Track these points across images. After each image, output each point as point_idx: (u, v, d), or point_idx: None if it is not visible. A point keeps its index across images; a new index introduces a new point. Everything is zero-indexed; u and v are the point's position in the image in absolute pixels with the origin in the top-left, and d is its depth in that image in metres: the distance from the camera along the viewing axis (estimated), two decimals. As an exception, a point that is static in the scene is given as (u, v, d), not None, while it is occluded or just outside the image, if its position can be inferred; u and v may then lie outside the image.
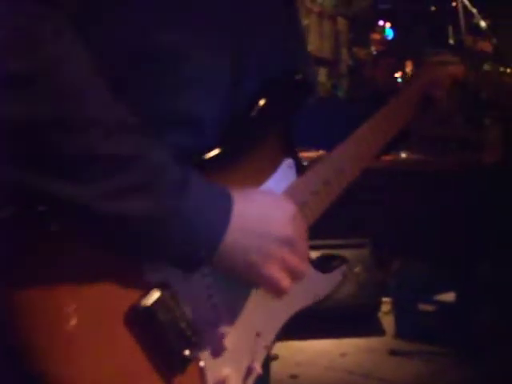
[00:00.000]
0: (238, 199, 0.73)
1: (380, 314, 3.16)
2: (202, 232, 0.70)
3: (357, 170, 0.96)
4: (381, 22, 5.88)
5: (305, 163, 0.93)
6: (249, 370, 0.82)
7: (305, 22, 4.12)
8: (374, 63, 4.60)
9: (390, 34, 5.71)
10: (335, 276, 0.95)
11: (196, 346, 0.74)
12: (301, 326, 2.98)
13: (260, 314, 0.84)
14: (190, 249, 0.69)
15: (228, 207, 0.71)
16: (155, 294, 0.70)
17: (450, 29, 2.73)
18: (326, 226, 2.59)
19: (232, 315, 0.80)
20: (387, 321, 3.12)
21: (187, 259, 0.70)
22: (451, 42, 3.33)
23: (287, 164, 0.88)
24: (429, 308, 2.97)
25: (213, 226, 0.70)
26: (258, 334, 0.83)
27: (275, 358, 2.87)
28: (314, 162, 0.95)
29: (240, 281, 0.77)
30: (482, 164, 3.43)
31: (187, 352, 0.73)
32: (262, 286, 0.77)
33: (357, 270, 3.10)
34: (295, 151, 0.91)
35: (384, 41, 5.50)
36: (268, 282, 0.75)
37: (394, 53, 5.64)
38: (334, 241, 3.08)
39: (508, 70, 1.50)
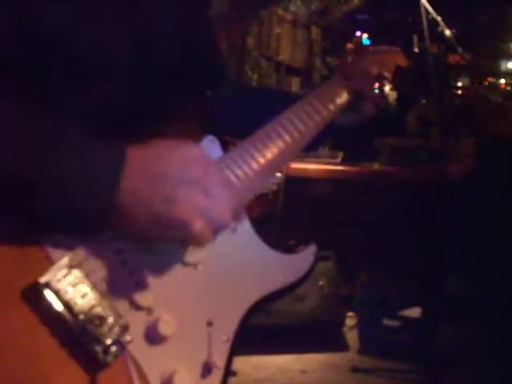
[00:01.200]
0: (133, 149, 0.64)
1: (345, 329, 3.09)
2: (93, 181, 0.61)
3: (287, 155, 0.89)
4: (358, 33, 5.91)
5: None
6: (207, 367, 0.72)
7: (277, 30, 4.08)
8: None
9: (366, 44, 5.73)
10: (305, 257, 0.85)
11: (118, 332, 0.64)
12: (261, 341, 2.90)
13: (210, 300, 0.74)
14: (82, 202, 0.60)
15: (121, 155, 0.62)
16: (57, 269, 0.62)
17: (415, 37, 2.68)
18: (290, 237, 2.52)
19: (168, 297, 0.70)
20: (351, 336, 3.05)
21: (81, 216, 0.61)
22: (416, 50, 3.29)
23: (209, 139, 0.80)
24: (393, 323, 2.90)
25: (105, 174, 0.61)
26: (210, 323, 0.74)
27: (234, 374, 2.78)
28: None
29: (155, 243, 0.66)
30: (451, 176, 3.40)
31: (108, 340, 0.63)
32: (174, 236, 0.66)
33: (321, 283, 3.03)
34: (218, 131, 0.83)
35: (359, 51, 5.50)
36: (178, 227, 0.63)
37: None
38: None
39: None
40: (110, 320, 0.64)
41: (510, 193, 3.49)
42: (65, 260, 0.63)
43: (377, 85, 1.24)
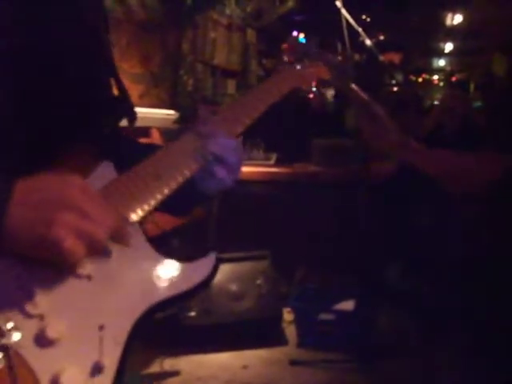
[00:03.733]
0: (20, 182, 0.73)
1: (284, 325, 3.21)
2: None
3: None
4: (294, 33, 6.02)
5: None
6: (96, 366, 0.79)
7: (212, 35, 4.15)
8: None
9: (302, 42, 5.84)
10: (204, 265, 0.91)
11: (10, 337, 0.72)
12: (203, 340, 2.98)
13: (102, 305, 0.81)
14: None
15: (8, 187, 0.72)
16: None
17: (339, 45, 2.82)
18: (228, 239, 2.60)
19: (60, 305, 0.77)
20: (290, 331, 3.17)
21: None
22: (339, 58, 3.43)
23: (105, 164, 0.88)
24: (329, 317, 3.04)
25: None
26: (101, 327, 0.80)
27: (176, 373, 2.86)
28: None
29: (40, 259, 0.74)
30: (380, 175, 3.55)
31: (2, 341, 0.71)
32: (51, 255, 0.73)
33: (258, 281, 3.13)
34: (118, 155, 0.90)
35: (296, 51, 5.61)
36: (52, 246, 0.72)
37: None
38: (234, 254, 3.11)
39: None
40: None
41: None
42: None
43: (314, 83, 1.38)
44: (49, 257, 0.74)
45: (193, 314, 2.95)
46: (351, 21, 2.65)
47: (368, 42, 2.72)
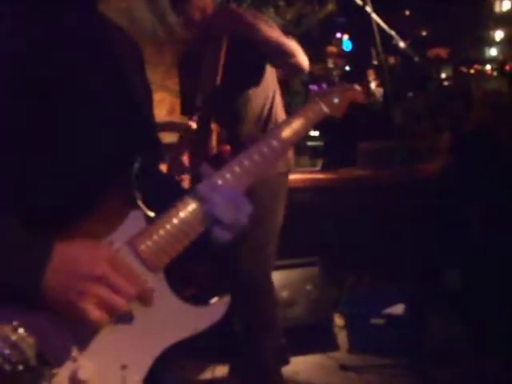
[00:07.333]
0: (58, 247, 0.85)
1: (336, 330, 3.24)
2: (25, 277, 0.84)
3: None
4: (338, 35, 5.99)
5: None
6: None
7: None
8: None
9: (348, 46, 5.81)
10: (215, 308, 1.00)
11: (50, 379, 0.84)
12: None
13: (125, 348, 0.91)
14: (17, 290, 0.83)
15: (48, 251, 0.85)
16: (1, 332, 0.82)
17: (373, 50, 2.83)
18: (278, 247, 2.66)
19: (89, 349, 0.89)
20: (342, 336, 3.20)
21: (18, 297, 0.83)
22: (375, 62, 3.43)
23: (134, 215, 0.96)
24: (380, 321, 3.05)
25: (34, 264, 0.84)
26: (123, 367, 0.91)
27: (227, 381, 2.95)
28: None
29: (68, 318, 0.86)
30: (430, 174, 3.52)
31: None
32: (80, 320, 0.85)
33: (308, 288, 3.17)
34: (145, 205, 0.98)
35: (341, 53, 5.59)
36: (81, 315, 0.84)
37: (352, 64, 5.75)
38: (284, 261, 3.15)
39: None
40: (41, 370, 0.85)
41: (489, 184, 3.53)
42: (8, 326, 0.83)
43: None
44: (75, 318, 0.86)
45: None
46: (383, 25, 2.65)
47: (402, 44, 2.71)
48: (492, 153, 3.48)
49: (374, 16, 2.59)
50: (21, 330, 0.83)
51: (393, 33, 2.65)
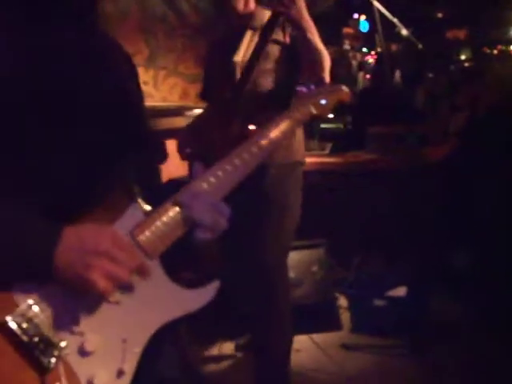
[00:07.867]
0: (66, 229, 0.97)
1: (341, 311, 3.32)
2: (35, 252, 0.95)
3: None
4: (355, 15, 5.93)
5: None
6: (119, 371, 1.03)
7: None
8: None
9: (365, 26, 5.76)
10: (205, 292, 1.12)
11: (61, 349, 0.97)
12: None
13: (125, 324, 1.04)
14: (33, 268, 0.95)
15: (58, 232, 0.97)
16: (19, 309, 0.95)
17: (377, 37, 2.86)
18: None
19: (95, 325, 1.01)
20: (346, 317, 3.28)
21: (33, 274, 0.95)
22: (379, 49, 3.44)
23: (133, 207, 1.07)
24: (382, 303, 3.12)
25: (47, 245, 0.96)
26: (124, 341, 1.03)
27: (233, 356, 3.06)
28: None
29: (80, 292, 0.98)
30: (434, 159, 3.54)
31: (55, 352, 0.96)
32: (88, 290, 0.97)
33: (314, 269, 3.26)
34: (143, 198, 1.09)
35: (358, 34, 5.56)
36: (89, 286, 0.96)
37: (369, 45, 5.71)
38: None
39: None
40: (53, 341, 0.97)
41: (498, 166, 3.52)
42: (25, 304, 0.96)
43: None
44: (86, 292, 0.98)
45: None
46: (385, 12, 2.68)
47: (404, 31, 2.74)
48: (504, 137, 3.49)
49: (376, 3, 2.62)
50: (35, 308, 0.96)
51: (395, 20, 2.68)
